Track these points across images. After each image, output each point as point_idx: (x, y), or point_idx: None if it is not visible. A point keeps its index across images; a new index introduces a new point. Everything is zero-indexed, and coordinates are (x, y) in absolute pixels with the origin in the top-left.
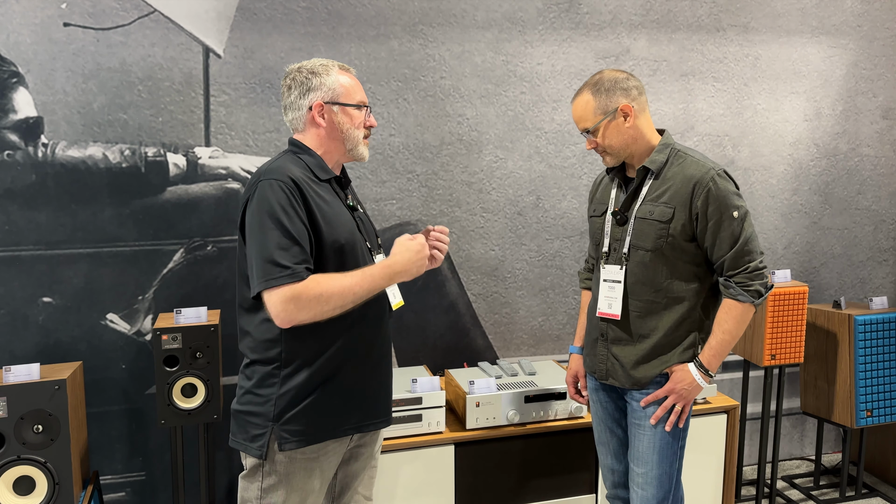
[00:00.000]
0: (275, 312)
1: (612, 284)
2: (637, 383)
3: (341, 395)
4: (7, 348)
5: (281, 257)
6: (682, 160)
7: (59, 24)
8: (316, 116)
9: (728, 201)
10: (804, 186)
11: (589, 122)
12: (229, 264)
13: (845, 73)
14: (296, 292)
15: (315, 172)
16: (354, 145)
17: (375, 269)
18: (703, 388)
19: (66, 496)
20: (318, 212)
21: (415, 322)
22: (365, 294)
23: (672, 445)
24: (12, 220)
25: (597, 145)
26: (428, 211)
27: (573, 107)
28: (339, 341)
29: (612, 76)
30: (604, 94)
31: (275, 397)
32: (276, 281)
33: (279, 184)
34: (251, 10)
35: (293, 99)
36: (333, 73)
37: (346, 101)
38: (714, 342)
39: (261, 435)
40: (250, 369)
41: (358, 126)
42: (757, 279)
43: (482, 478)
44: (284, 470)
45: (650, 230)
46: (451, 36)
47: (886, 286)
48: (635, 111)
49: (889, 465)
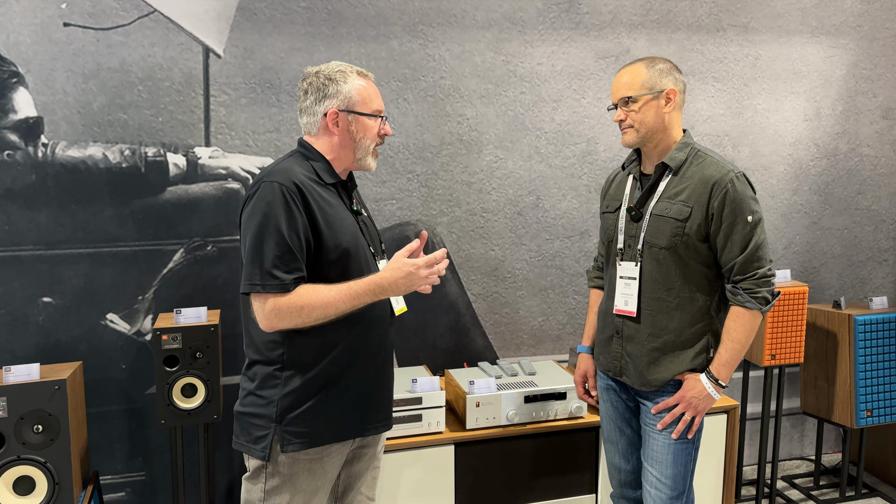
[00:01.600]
0: (258, 317)
1: (627, 281)
2: (647, 384)
3: (344, 398)
4: (7, 348)
5: (272, 265)
6: (702, 160)
7: (59, 24)
8: (330, 124)
9: (744, 205)
10: (804, 186)
11: (633, 91)
12: (229, 264)
13: (845, 73)
14: (279, 304)
15: (321, 176)
16: (364, 155)
17: (361, 286)
18: (715, 400)
19: (66, 496)
20: (321, 215)
21: (415, 322)
22: (348, 309)
23: (687, 446)
24: (12, 220)
25: (625, 118)
26: (428, 211)
27: (621, 73)
28: (342, 345)
29: (668, 62)
30: (656, 73)
31: (277, 398)
32: (263, 289)
33: (282, 187)
34: (251, 10)
35: (309, 104)
36: (351, 79)
37: (361, 110)
38: (724, 352)
39: (263, 436)
40: (252, 371)
41: (371, 136)
42: (764, 286)
43: (482, 478)
44: (287, 471)
45: (666, 227)
46: (451, 36)
47: (886, 286)
48: (676, 101)
49: (889, 465)
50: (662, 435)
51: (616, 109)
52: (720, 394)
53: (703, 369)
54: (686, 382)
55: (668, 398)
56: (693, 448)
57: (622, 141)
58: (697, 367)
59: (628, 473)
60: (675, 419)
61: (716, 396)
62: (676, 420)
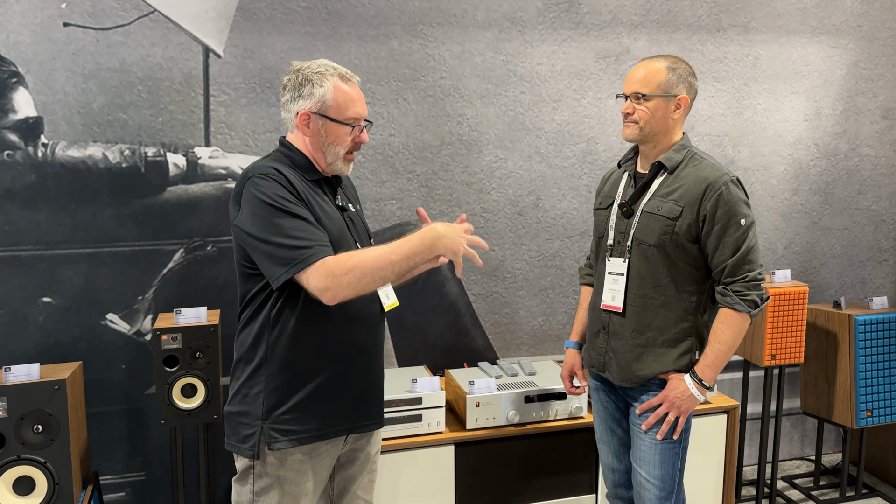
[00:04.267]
0: (319, 289)
1: (615, 277)
2: (628, 380)
3: (330, 395)
4: (7, 348)
5: (294, 238)
6: (698, 163)
7: (59, 24)
8: (301, 124)
9: (736, 208)
10: (804, 186)
11: (648, 89)
12: (229, 264)
13: (845, 73)
14: (328, 268)
15: (303, 173)
16: (334, 160)
17: (414, 240)
18: (699, 401)
19: (65, 496)
20: (308, 209)
21: (415, 322)
22: (404, 266)
23: (674, 446)
24: (12, 220)
25: (633, 112)
26: (428, 211)
27: (639, 67)
28: (327, 341)
29: (689, 67)
30: (675, 77)
31: (263, 395)
32: (305, 262)
33: (269, 177)
34: (251, 10)
35: (286, 100)
36: (329, 83)
37: (333, 116)
38: (710, 353)
39: (251, 435)
40: (239, 369)
41: (341, 143)
42: (754, 289)
43: (482, 478)
44: (275, 472)
45: (655, 225)
46: (451, 36)
47: (886, 286)
48: (685, 108)
49: (889, 465)
50: (649, 435)
51: (626, 100)
52: (704, 395)
53: (688, 370)
54: (670, 382)
55: (652, 398)
56: (680, 448)
57: (622, 133)
58: (682, 368)
59: (621, 473)
60: (660, 419)
61: (699, 397)
62: (661, 420)
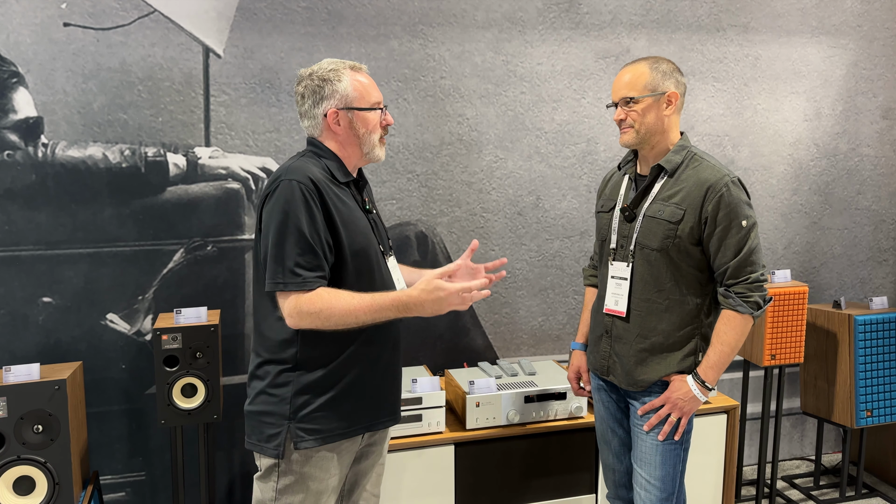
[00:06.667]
0: (285, 315)
1: (619, 281)
2: (634, 384)
3: (356, 394)
4: (7, 348)
5: (294, 263)
6: (698, 164)
7: (59, 24)
8: (332, 124)
9: (738, 209)
10: (804, 186)
11: (636, 92)
12: (229, 264)
13: (845, 73)
14: (300, 302)
15: (334, 175)
16: (371, 148)
17: (386, 300)
18: (701, 402)
19: (66, 496)
20: (337, 215)
21: (415, 322)
22: (369, 321)
23: (675, 447)
24: (12, 220)
25: (625, 118)
26: (428, 211)
27: (623, 73)
28: (354, 344)
29: (671, 63)
30: (660, 74)
31: (290, 396)
32: (286, 286)
33: (300, 186)
34: (251, 10)
35: (307, 107)
36: (345, 77)
37: (360, 105)
38: (713, 355)
39: (276, 434)
40: (263, 369)
41: (374, 129)
42: (756, 291)
43: (482, 478)
44: (300, 469)
45: (658, 229)
46: (451, 36)
47: (886, 286)
48: (677, 104)
49: (889, 465)
50: (650, 436)
51: (616, 108)
52: (706, 396)
53: (691, 371)
54: (672, 384)
55: (654, 399)
56: (682, 449)
57: (620, 140)
58: (685, 370)
59: (622, 474)
60: (662, 420)
61: (702, 398)
62: (663, 421)
